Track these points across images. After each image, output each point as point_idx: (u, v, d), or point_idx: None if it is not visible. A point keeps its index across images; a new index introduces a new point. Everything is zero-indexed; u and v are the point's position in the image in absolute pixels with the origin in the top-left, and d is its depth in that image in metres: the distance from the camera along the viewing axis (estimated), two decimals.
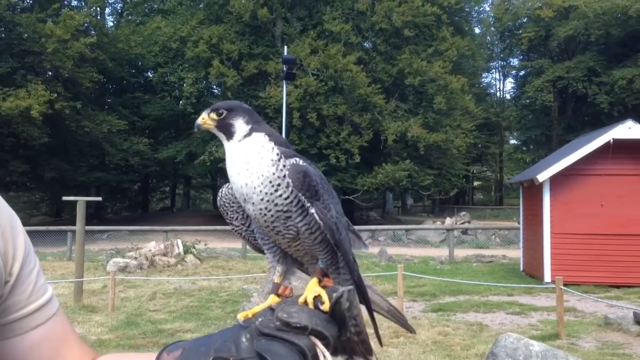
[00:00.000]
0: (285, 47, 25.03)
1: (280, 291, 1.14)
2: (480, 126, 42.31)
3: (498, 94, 62.80)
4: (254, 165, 1.12)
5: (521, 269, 15.92)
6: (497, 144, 54.40)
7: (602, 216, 13.16)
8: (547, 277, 13.06)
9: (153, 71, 38.36)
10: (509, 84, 64.08)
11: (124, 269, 14.83)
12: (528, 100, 44.39)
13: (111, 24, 45.27)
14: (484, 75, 59.96)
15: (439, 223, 29.05)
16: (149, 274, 14.55)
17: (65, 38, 28.49)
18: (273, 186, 1.11)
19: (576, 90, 39.09)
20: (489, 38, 58.80)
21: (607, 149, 12.90)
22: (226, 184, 1.26)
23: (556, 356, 5.94)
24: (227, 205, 1.28)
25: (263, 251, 1.27)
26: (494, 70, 62.82)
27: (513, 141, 59.25)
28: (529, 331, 8.88)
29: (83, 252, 11.54)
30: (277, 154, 1.14)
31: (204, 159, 30.63)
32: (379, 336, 1.27)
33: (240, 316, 1.03)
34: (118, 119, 32.53)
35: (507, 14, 45.03)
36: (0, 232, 0.98)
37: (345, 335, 1.02)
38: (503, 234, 25.64)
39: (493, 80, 66.01)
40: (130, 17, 45.66)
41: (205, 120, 1.22)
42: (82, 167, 32.57)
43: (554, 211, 13.47)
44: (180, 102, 36.40)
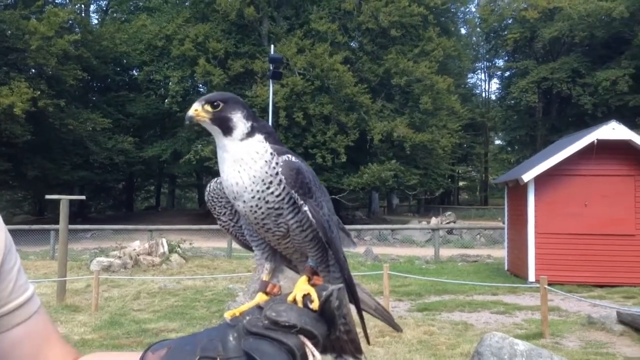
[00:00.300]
0: (272, 46, 24.93)
1: (268, 289, 1.12)
2: (465, 126, 42.57)
3: (483, 94, 63.18)
4: (251, 165, 1.09)
5: (506, 268, 16.02)
6: (483, 144, 54.68)
7: (586, 216, 13.28)
8: (532, 277, 13.16)
9: (138, 69, 38.15)
10: (494, 84, 64.75)
11: (107, 269, 14.69)
12: (513, 101, 44.78)
13: (96, 21, 44.99)
14: (470, 75, 60.35)
15: (424, 223, 29.13)
16: (133, 274, 14.43)
17: (49, 35, 28.22)
18: (265, 183, 1.08)
19: (560, 91, 39.42)
20: (474, 39, 59.10)
21: (591, 149, 13.03)
22: (215, 179, 1.23)
23: (540, 355, 5.98)
24: (215, 200, 1.24)
25: (251, 248, 1.23)
26: (479, 71, 63.30)
27: (498, 141, 59.67)
28: (514, 330, 8.93)
29: (66, 251, 11.43)
30: (271, 153, 1.10)
31: (190, 158, 30.53)
32: (367, 335, 1.26)
33: (227, 315, 1.00)
34: (102, 117, 32.25)
35: (493, 15, 45.37)
36: None
37: (335, 334, 1.00)
38: (488, 233, 25.78)
39: (478, 81, 66.48)
40: (115, 15, 45.36)
41: (198, 112, 1.11)
42: (66, 166, 32.21)
43: (538, 211, 13.57)
44: (166, 101, 36.22)
